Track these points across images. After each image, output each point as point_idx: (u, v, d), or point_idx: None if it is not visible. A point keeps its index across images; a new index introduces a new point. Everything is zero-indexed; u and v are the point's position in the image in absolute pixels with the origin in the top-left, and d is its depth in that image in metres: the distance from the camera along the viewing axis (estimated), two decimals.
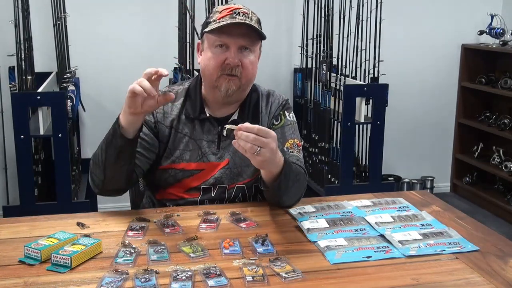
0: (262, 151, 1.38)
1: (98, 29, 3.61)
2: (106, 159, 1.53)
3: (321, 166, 3.64)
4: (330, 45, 3.56)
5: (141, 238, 1.43)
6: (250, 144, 1.36)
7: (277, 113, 1.77)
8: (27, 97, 2.70)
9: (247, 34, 1.61)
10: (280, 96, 1.81)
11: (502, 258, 1.35)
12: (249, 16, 1.62)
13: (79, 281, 1.21)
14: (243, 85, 1.66)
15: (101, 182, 1.58)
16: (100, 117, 3.69)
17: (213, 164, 1.70)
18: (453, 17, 4.19)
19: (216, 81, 1.64)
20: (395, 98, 3.79)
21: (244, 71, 1.63)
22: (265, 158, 1.40)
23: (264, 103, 1.77)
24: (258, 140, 1.37)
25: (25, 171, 2.70)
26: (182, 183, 1.70)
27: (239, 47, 1.62)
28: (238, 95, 1.68)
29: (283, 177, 1.51)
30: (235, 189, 1.73)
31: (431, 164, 4.41)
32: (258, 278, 1.21)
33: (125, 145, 1.52)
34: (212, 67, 1.63)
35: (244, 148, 1.37)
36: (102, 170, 1.55)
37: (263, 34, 1.64)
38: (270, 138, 1.39)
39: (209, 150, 1.70)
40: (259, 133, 1.37)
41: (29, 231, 1.48)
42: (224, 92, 1.64)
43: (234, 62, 1.60)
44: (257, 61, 1.70)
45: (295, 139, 1.74)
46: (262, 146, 1.37)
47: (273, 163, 1.47)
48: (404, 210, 1.64)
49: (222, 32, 1.60)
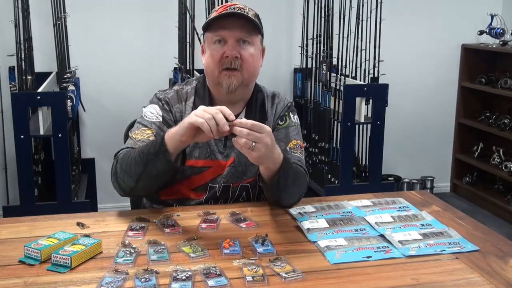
0: (257, 146, 1.38)
1: (98, 29, 3.61)
2: (143, 174, 1.52)
3: (321, 166, 3.64)
4: (330, 45, 3.56)
5: (141, 238, 1.43)
6: (245, 139, 1.37)
7: (282, 113, 1.78)
8: (27, 97, 2.70)
9: (244, 25, 1.62)
10: (285, 98, 1.83)
11: (502, 258, 1.35)
12: (245, 10, 1.63)
13: (79, 281, 1.21)
14: (246, 79, 1.65)
15: (130, 189, 1.59)
16: (100, 117, 3.70)
17: (220, 162, 1.70)
18: (453, 17, 4.19)
19: (217, 78, 1.64)
20: (395, 98, 3.79)
21: (245, 64, 1.63)
22: (260, 154, 1.41)
23: (269, 104, 1.78)
24: (251, 135, 1.38)
25: (25, 171, 2.70)
26: (190, 180, 1.70)
27: (237, 39, 1.62)
28: (241, 91, 1.68)
29: (282, 173, 1.52)
30: (239, 188, 1.73)
31: (431, 164, 4.40)
32: (258, 278, 1.21)
33: (168, 169, 1.52)
34: (213, 63, 1.64)
35: (239, 143, 1.38)
36: (135, 181, 1.55)
37: (259, 25, 1.64)
38: (265, 133, 1.39)
39: (216, 148, 1.70)
40: (253, 128, 1.38)
41: (29, 231, 1.48)
42: (226, 88, 1.64)
43: (231, 53, 1.60)
44: (260, 56, 1.70)
45: (298, 141, 1.75)
46: (256, 141, 1.38)
47: (270, 158, 1.47)
48: (404, 210, 1.64)
49: (219, 27, 1.61)
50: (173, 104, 1.71)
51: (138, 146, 1.58)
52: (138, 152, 1.54)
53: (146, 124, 1.66)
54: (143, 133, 1.64)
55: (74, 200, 2.89)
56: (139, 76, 3.69)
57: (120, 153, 1.61)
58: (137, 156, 1.53)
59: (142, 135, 1.64)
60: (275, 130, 1.75)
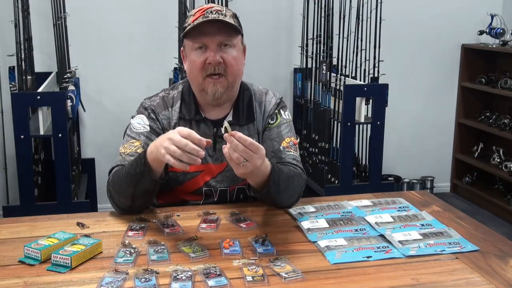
0: (246, 164, 1.37)
1: (98, 29, 3.61)
2: (134, 194, 1.54)
3: (321, 166, 3.64)
4: (330, 45, 3.56)
5: (141, 238, 1.43)
6: (237, 154, 1.35)
7: (272, 112, 1.75)
8: (27, 97, 2.70)
9: (223, 29, 1.60)
10: (274, 95, 1.80)
11: (502, 258, 1.35)
12: (222, 12, 1.61)
13: (79, 281, 1.21)
14: (231, 83, 1.65)
15: (128, 207, 1.60)
16: (100, 117, 3.70)
17: (210, 166, 1.70)
18: (453, 17, 4.18)
19: (201, 84, 1.64)
20: (395, 98, 3.79)
21: (229, 68, 1.62)
22: (246, 171, 1.40)
23: (257, 103, 1.76)
24: (246, 152, 1.36)
25: (25, 171, 2.70)
26: (184, 185, 1.70)
27: (218, 44, 1.61)
28: (227, 95, 1.67)
29: (271, 183, 1.51)
30: (236, 191, 1.73)
31: (431, 164, 4.40)
32: (258, 278, 1.21)
33: (155, 186, 1.54)
34: (196, 70, 1.63)
35: (231, 155, 1.36)
36: (130, 200, 1.57)
37: (237, 28, 1.63)
38: (258, 155, 1.38)
39: (206, 152, 1.70)
40: (249, 147, 1.36)
41: (29, 231, 1.48)
42: (211, 95, 1.64)
43: (214, 60, 1.59)
44: (242, 57, 1.69)
45: (291, 137, 1.73)
46: (248, 159, 1.36)
47: (255, 175, 1.48)
48: (404, 210, 1.64)
49: (198, 34, 1.60)
50: (159, 111, 1.71)
51: (127, 163, 1.58)
52: (125, 173, 1.54)
53: (134, 136, 1.66)
54: (131, 146, 1.65)
55: (74, 200, 2.88)
56: (139, 76, 3.69)
57: (110, 176, 1.63)
58: (125, 177, 1.54)
59: (131, 148, 1.64)
60: (267, 129, 1.73)
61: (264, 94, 1.78)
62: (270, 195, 1.56)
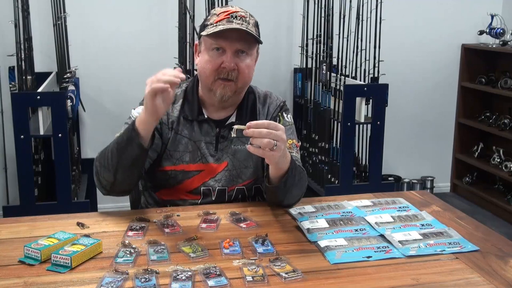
0: (278, 145, 1.38)
1: (98, 29, 3.61)
2: (119, 164, 1.52)
3: (321, 166, 3.64)
4: (330, 45, 3.56)
5: (141, 238, 1.43)
6: (267, 139, 1.35)
7: (275, 114, 1.77)
8: (27, 97, 2.70)
9: (243, 38, 1.61)
10: (277, 98, 1.81)
11: (502, 258, 1.35)
12: (246, 19, 1.62)
13: (79, 281, 1.21)
14: (239, 88, 1.66)
15: (110, 184, 1.58)
16: (100, 117, 3.70)
17: (211, 165, 1.70)
18: (453, 17, 4.19)
19: (211, 85, 1.64)
20: (395, 98, 3.79)
21: (240, 75, 1.63)
22: (280, 152, 1.41)
23: (261, 105, 1.78)
24: (271, 133, 1.36)
25: (25, 171, 2.70)
26: (183, 184, 1.70)
27: (236, 50, 1.61)
28: (233, 99, 1.69)
29: (290, 173, 1.52)
30: (235, 191, 1.73)
31: (431, 164, 4.41)
32: (258, 278, 1.21)
33: (141, 154, 1.52)
34: (209, 71, 1.63)
35: (260, 144, 1.36)
36: (113, 173, 1.54)
37: (259, 39, 1.64)
38: (281, 130, 1.39)
39: (207, 151, 1.70)
40: (269, 127, 1.36)
41: (29, 231, 1.48)
42: (219, 97, 1.64)
43: (230, 66, 1.60)
44: (254, 65, 1.70)
45: (293, 140, 1.74)
46: (276, 139, 1.37)
47: (285, 157, 1.49)
48: (404, 210, 1.64)
49: (219, 36, 1.60)
50: None
51: None
52: (113, 144, 1.55)
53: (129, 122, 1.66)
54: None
55: (74, 200, 2.89)
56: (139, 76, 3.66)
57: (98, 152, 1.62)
58: (112, 147, 1.54)
59: None
60: None
61: (268, 97, 1.80)
62: (286, 187, 1.55)
